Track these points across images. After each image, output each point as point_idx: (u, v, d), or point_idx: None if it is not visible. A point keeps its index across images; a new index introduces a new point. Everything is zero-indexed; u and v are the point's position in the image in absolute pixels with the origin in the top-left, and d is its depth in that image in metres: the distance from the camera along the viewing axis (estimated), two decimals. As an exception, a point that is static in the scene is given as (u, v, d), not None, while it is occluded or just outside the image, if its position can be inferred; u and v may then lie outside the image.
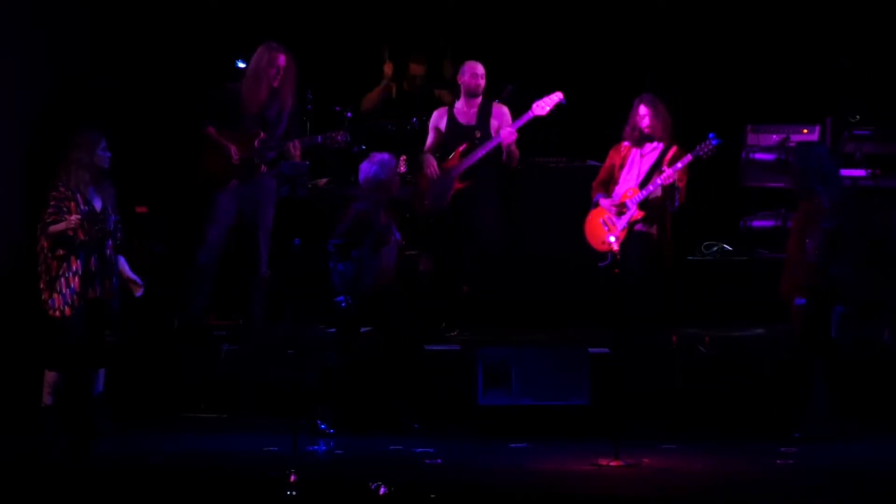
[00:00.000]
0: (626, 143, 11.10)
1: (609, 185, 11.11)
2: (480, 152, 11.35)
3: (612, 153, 11.16)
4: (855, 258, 10.09)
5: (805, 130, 12.28)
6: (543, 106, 11.29)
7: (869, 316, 11.00)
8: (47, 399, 10.04)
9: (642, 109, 10.97)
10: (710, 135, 10.75)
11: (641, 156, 11.03)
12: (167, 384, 11.02)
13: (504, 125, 11.37)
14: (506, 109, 11.51)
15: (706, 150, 10.76)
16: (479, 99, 11.50)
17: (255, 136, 11.20)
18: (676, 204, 10.88)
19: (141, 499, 8.67)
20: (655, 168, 10.94)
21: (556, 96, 11.28)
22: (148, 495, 8.68)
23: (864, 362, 10.56)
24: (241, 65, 11.86)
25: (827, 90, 12.37)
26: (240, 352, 11.00)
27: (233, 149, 11.19)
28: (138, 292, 10.24)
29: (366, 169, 10.54)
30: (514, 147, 11.32)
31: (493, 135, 11.37)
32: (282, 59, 11.20)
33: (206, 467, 9.22)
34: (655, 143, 11.03)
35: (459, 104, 11.59)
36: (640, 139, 11.02)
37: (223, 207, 11.22)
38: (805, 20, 12.77)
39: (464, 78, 11.52)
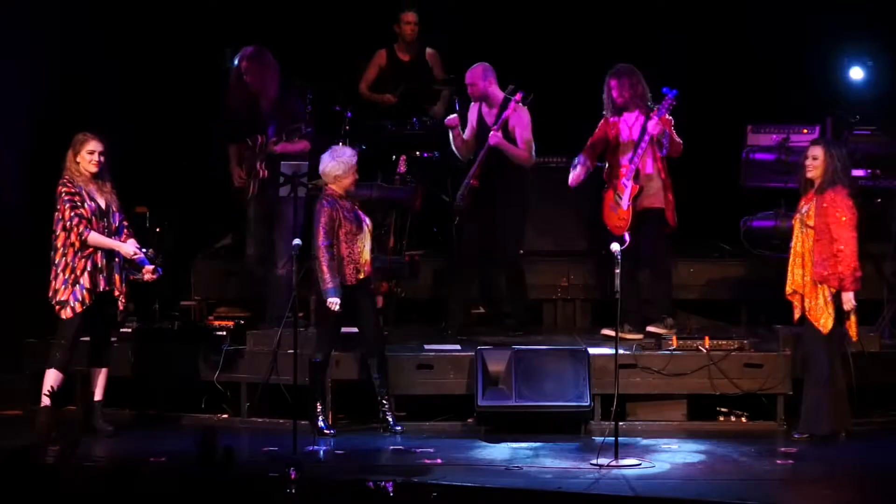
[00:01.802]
0: (611, 119, 11.11)
1: (597, 156, 11.21)
2: (482, 153, 11.25)
3: (602, 125, 11.19)
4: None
5: (805, 130, 12.27)
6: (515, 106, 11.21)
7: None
8: (46, 398, 10.04)
9: (612, 82, 11.03)
10: (664, 89, 10.79)
11: (629, 128, 11.03)
12: (167, 384, 11.01)
13: (518, 126, 11.20)
14: (522, 111, 11.25)
15: (667, 105, 10.80)
16: (499, 97, 11.32)
17: (256, 141, 11.24)
18: (664, 152, 10.94)
19: (140, 499, 8.66)
20: (640, 139, 10.98)
21: (518, 94, 11.19)
22: (147, 495, 8.67)
23: (866, 361, 10.57)
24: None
25: (827, 90, 12.36)
26: (240, 352, 10.98)
27: (238, 173, 11.37)
28: (147, 276, 10.21)
29: (325, 161, 10.36)
30: (509, 148, 11.20)
31: (510, 133, 11.22)
32: (242, 62, 11.19)
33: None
34: (636, 113, 11.04)
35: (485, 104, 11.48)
36: (618, 110, 11.04)
37: (258, 221, 11.29)
38: (805, 20, 12.76)
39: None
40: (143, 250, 10.17)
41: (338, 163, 10.33)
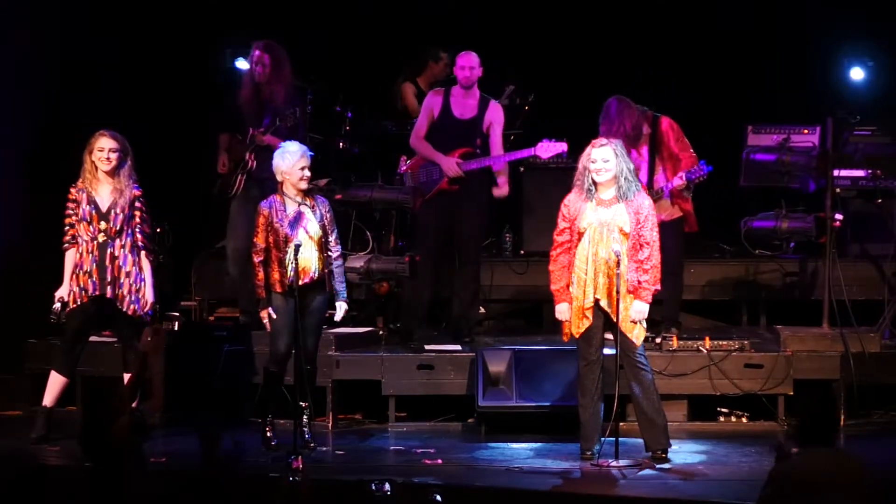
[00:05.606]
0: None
1: None
2: (474, 165, 11.10)
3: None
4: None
5: (805, 130, 12.27)
6: (547, 150, 11.02)
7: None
8: (48, 399, 10.02)
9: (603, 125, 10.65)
10: (702, 162, 10.68)
11: (640, 155, 10.93)
12: (167, 384, 10.99)
13: (496, 123, 11.10)
14: (500, 109, 11.19)
15: (699, 175, 10.69)
16: (477, 92, 11.17)
17: (247, 133, 11.19)
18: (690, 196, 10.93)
19: (140, 499, 8.66)
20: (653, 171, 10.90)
21: (562, 146, 10.99)
22: (147, 495, 8.67)
23: (866, 361, 10.58)
24: (242, 64, 11.87)
25: (827, 90, 12.37)
26: (240, 352, 10.98)
27: (222, 159, 11.22)
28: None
29: (275, 155, 9.82)
30: (504, 189, 11.16)
31: (483, 131, 11.11)
32: (255, 53, 11.05)
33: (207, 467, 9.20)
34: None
35: (456, 91, 11.18)
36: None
37: (239, 214, 11.23)
38: (805, 20, 12.77)
39: (456, 69, 11.16)
40: (61, 303, 9.84)
41: (283, 155, 9.73)
